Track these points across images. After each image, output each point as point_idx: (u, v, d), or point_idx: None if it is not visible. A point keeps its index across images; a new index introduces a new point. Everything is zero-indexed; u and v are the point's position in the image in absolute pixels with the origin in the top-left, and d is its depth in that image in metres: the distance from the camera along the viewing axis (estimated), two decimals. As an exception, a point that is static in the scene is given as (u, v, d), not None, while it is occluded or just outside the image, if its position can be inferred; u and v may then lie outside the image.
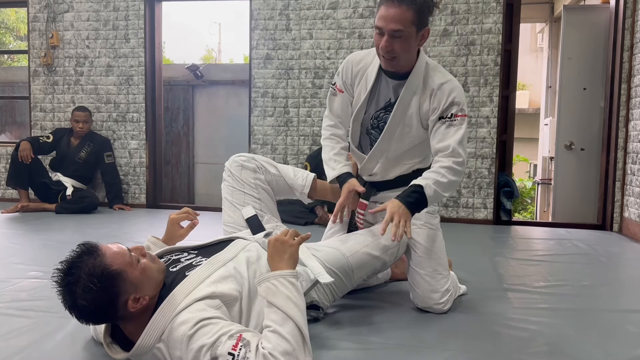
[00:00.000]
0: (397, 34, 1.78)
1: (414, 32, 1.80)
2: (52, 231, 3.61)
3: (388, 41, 1.80)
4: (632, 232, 3.86)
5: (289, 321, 1.32)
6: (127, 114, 4.93)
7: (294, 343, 1.28)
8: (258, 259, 1.64)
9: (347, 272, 1.88)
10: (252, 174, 1.98)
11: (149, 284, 1.37)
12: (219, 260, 1.53)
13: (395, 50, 1.81)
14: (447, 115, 1.89)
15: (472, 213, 4.36)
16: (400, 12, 1.75)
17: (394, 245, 1.98)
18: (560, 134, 4.82)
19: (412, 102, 1.94)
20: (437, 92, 1.90)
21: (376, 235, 1.97)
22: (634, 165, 3.89)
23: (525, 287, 2.41)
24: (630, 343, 1.75)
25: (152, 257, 1.45)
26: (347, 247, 1.92)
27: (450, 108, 1.89)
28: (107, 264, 1.30)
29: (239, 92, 6.39)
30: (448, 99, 1.88)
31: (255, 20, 4.61)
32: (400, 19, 1.76)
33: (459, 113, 1.88)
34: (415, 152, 2.05)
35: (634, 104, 3.94)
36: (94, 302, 1.28)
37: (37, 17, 5.01)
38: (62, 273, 1.31)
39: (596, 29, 4.55)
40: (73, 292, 1.28)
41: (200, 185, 6.62)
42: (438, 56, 4.31)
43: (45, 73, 5.03)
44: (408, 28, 1.78)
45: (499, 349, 1.67)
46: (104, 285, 1.28)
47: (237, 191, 1.97)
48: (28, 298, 2.10)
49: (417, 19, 1.78)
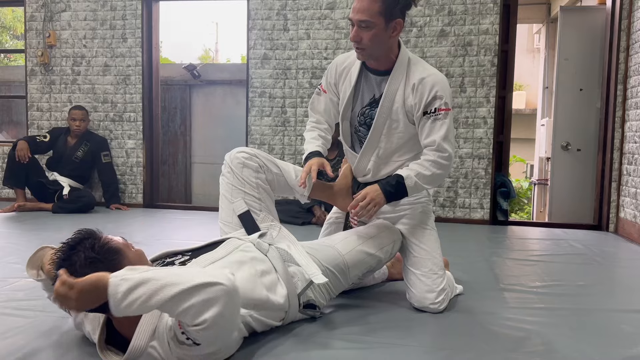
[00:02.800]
0: (364, 24, 1.81)
1: (382, 23, 1.81)
2: (49, 231, 3.60)
3: (356, 31, 1.84)
4: (627, 232, 3.87)
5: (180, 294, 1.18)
6: (124, 114, 4.92)
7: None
8: (252, 258, 1.63)
9: (343, 270, 1.88)
10: (254, 173, 1.93)
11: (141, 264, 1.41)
12: (206, 260, 1.53)
13: (363, 41, 1.84)
14: (431, 110, 1.88)
15: (468, 213, 4.37)
16: (367, 3, 1.79)
17: (389, 243, 1.98)
18: (557, 135, 4.83)
19: (396, 96, 1.94)
20: (418, 87, 1.89)
21: (371, 233, 1.97)
22: (629, 166, 3.91)
23: (522, 287, 2.41)
24: (625, 342, 1.76)
25: (145, 261, 1.49)
26: (343, 245, 1.93)
27: (433, 102, 1.88)
28: (108, 239, 1.39)
29: (236, 92, 6.39)
30: (430, 93, 1.88)
31: (253, 20, 4.61)
32: (366, 9, 1.79)
33: (443, 107, 1.88)
34: (406, 149, 2.03)
35: (630, 105, 3.96)
36: (96, 254, 1.34)
37: (34, 16, 5.00)
38: (66, 246, 1.36)
39: (592, 30, 4.57)
40: (74, 264, 1.31)
41: (197, 185, 6.61)
42: (435, 56, 4.32)
43: (42, 72, 5.02)
44: (374, 19, 1.80)
45: (495, 348, 1.68)
46: (104, 255, 1.34)
47: (236, 190, 1.93)
48: (25, 298, 2.09)
49: (385, 9, 1.80)
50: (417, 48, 4.34)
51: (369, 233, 1.98)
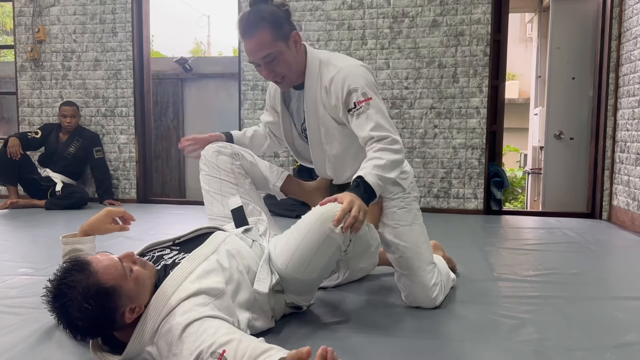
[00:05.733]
0: (269, 58, 1.73)
1: (282, 46, 1.74)
2: (42, 227, 3.58)
3: (267, 69, 1.76)
4: (620, 220, 3.89)
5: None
6: (116, 109, 4.89)
7: None
8: (238, 252, 1.60)
9: (292, 280, 1.64)
10: (228, 159, 1.91)
11: (143, 292, 1.34)
12: (199, 255, 1.49)
13: (278, 72, 1.78)
14: (352, 107, 1.75)
15: (462, 203, 4.38)
16: (258, 39, 1.71)
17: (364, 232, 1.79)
18: (550, 124, 4.84)
19: (317, 104, 1.84)
20: (330, 88, 1.79)
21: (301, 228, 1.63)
22: (622, 154, 3.93)
23: (516, 275, 2.43)
24: (619, 330, 1.77)
25: (142, 263, 1.40)
26: (281, 254, 1.63)
27: (349, 98, 1.75)
28: (101, 281, 1.25)
29: (228, 85, 6.36)
30: (344, 90, 1.75)
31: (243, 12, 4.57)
32: (261, 45, 1.71)
33: (361, 98, 1.73)
34: (354, 151, 1.90)
35: (622, 93, 3.96)
36: (90, 322, 1.24)
37: (22, 12, 4.94)
38: (54, 294, 1.26)
39: (584, 19, 4.57)
40: (68, 313, 1.24)
41: (191, 179, 6.60)
42: (427, 47, 4.31)
43: (32, 68, 4.97)
44: (274, 47, 1.72)
45: (489, 337, 1.69)
46: (99, 304, 1.23)
47: (213, 179, 1.90)
48: (18, 295, 2.08)
49: (277, 33, 1.72)
50: (409, 39, 4.33)
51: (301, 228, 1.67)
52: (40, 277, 2.34)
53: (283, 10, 1.75)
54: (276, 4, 1.75)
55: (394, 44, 4.36)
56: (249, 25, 1.72)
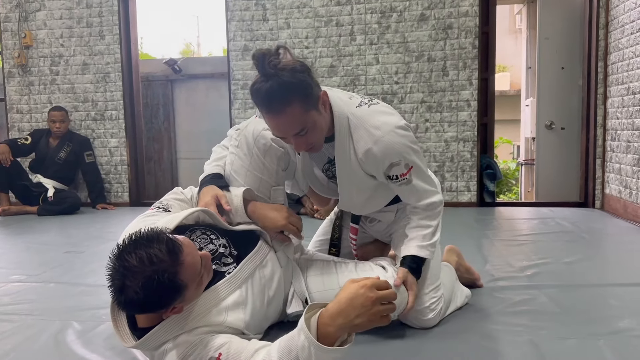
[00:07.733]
0: (302, 132, 1.47)
1: (315, 115, 1.48)
2: (35, 233, 3.56)
3: (299, 141, 1.50)
4: (613, 208, 3.91)
5: None
6: (106, 112, 4.86)
7: None
8: (271, 277, 1.59)
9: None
10: (275, 160, 1.70)
11: (195, 297, 1.33)
12: (237, 279, 1.47)
13: (310, 142, 1.52)
14: (392, 177, 1.62)
15: (455, 196, 4.39)
16: (288, 117, 1.43)
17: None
18: (541, 114, 4.86)
19: (351, 162, 1.64)
20: (368, 161, 1.60)
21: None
22: (613, 142, 3.94)
23: (510, 266, 2.43)
24: (612, 316, 1.78)
25: (209, 269, 1.37)
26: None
27: (390, 170, 1.61)
28: (180, 275, 1.21)
29: (219, 85, 6.33)
30: (384, 164, 1.59)
31: (231, 11, 4.56)
32: (293, 122, 1.44)
33: (404, 171, 1.60)
34: (382, 194, 1.77)
35: (611, 82, 3.98)
36: (144, 298, 1.18)
37: (8, 17, 4.90)
38: (135, 252, 1.19)
39: (572, 8, 4.58)
40: (131, 278, 1.17)
41: (184, 180, 6.56)
42: (416, 41, 4.30)
43: (20, 74, 4.94)
44: (308, 120, 1.46)
45: (483, 327, 1.69)
46: (161, 293, 1.19)
47: (251, 174, 1.71)
48: (11, 302, 2.07)
49: (307, 103, 1.44)
50: (397, 33, 4.32)
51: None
52: (33, 283, 2.32)
53: (305, 70, 1.45)
54: (294, 66, 1.43)
55: (383, 39, 4.36)
56: (275, 101, 1.41)
